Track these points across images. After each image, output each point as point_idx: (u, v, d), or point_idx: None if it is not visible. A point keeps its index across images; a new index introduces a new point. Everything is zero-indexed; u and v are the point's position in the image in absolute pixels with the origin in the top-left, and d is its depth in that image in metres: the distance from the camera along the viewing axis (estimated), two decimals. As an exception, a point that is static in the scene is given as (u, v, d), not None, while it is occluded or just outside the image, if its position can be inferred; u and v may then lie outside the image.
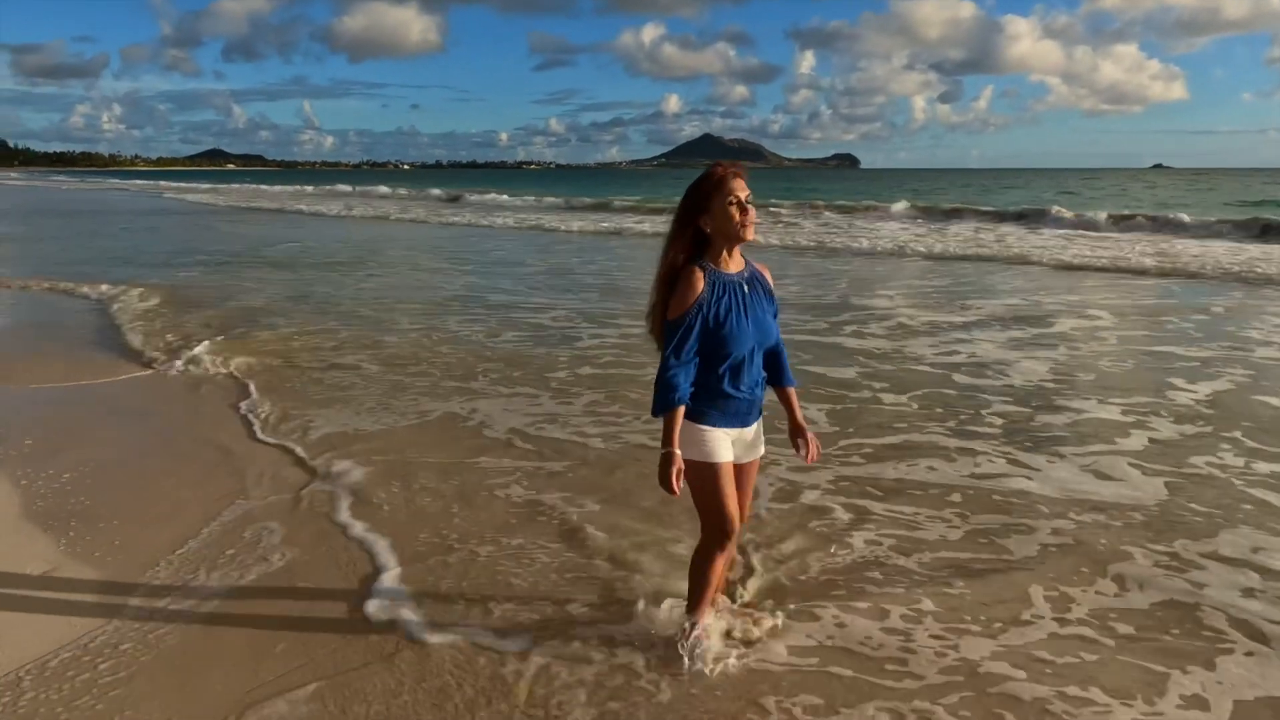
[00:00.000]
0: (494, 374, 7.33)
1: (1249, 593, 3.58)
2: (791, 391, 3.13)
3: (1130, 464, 5.15)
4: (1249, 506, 4.52)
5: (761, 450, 3.08)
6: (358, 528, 4.18)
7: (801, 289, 12.67)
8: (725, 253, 2.85)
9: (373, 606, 3.41)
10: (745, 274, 2.90)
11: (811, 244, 20.45)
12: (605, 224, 27.85)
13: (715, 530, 2.94)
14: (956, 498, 4.59)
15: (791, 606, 3.39)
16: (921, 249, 18.93)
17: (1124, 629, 3.27)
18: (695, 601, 3.07)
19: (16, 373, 7.51)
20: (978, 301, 11.55)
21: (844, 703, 2.83)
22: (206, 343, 8.43)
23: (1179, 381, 7.08)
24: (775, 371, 3.09)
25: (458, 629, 3.24)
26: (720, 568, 3.05)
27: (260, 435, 5.66)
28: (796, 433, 3.12)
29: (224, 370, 7.48)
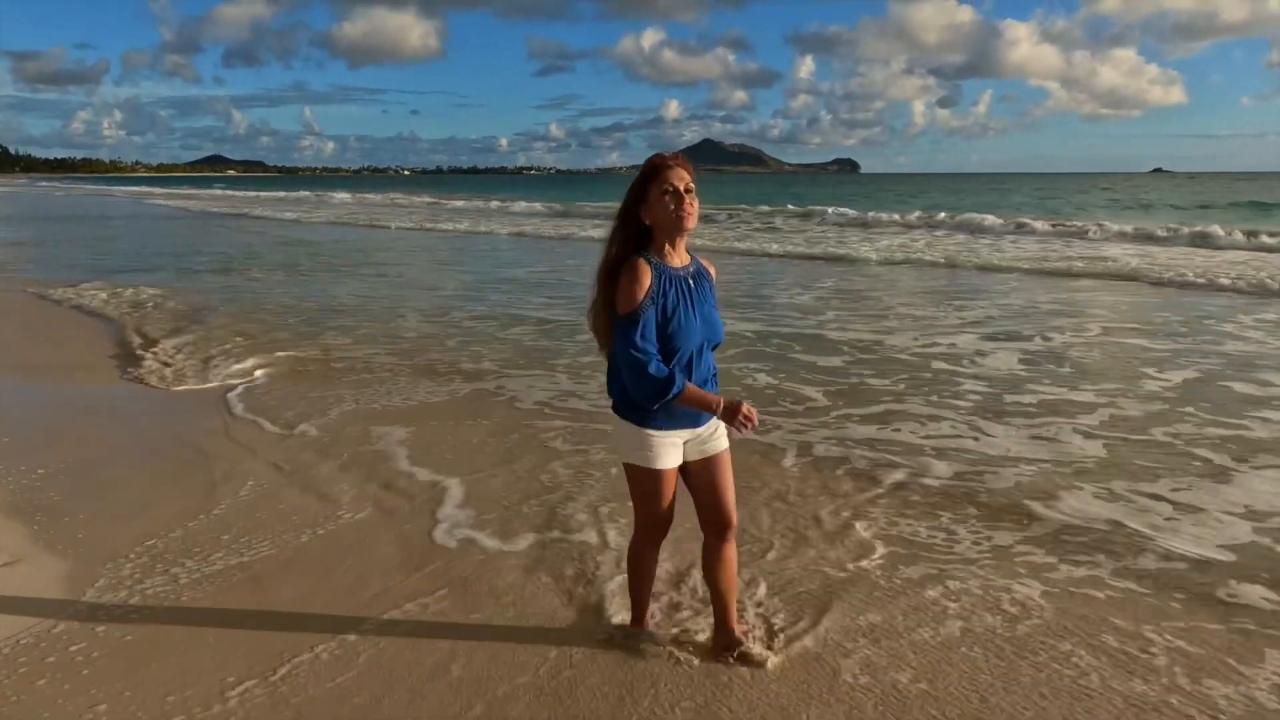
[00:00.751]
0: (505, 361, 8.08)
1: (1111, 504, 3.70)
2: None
3: (1074, 430, 5.83)
4: (1177, 458, 5.21)
5: (724, 443, 2.97)
6: (423, 472, 4.96)
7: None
8: (668, 245, 2.78)
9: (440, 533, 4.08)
10: (691, 268, 2.83)
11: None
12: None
13: (647, 529, 2.98)
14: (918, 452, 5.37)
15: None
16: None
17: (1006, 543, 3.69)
18: (634, 602, 3.19)
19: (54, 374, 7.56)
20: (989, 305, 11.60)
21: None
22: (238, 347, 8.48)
23: (1151, 371, 7.39)
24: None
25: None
26: (654, 560, 3.11)
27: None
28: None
29: (247, 366, 7.72)
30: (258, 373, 7.51)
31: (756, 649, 3.04)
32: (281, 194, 63.23)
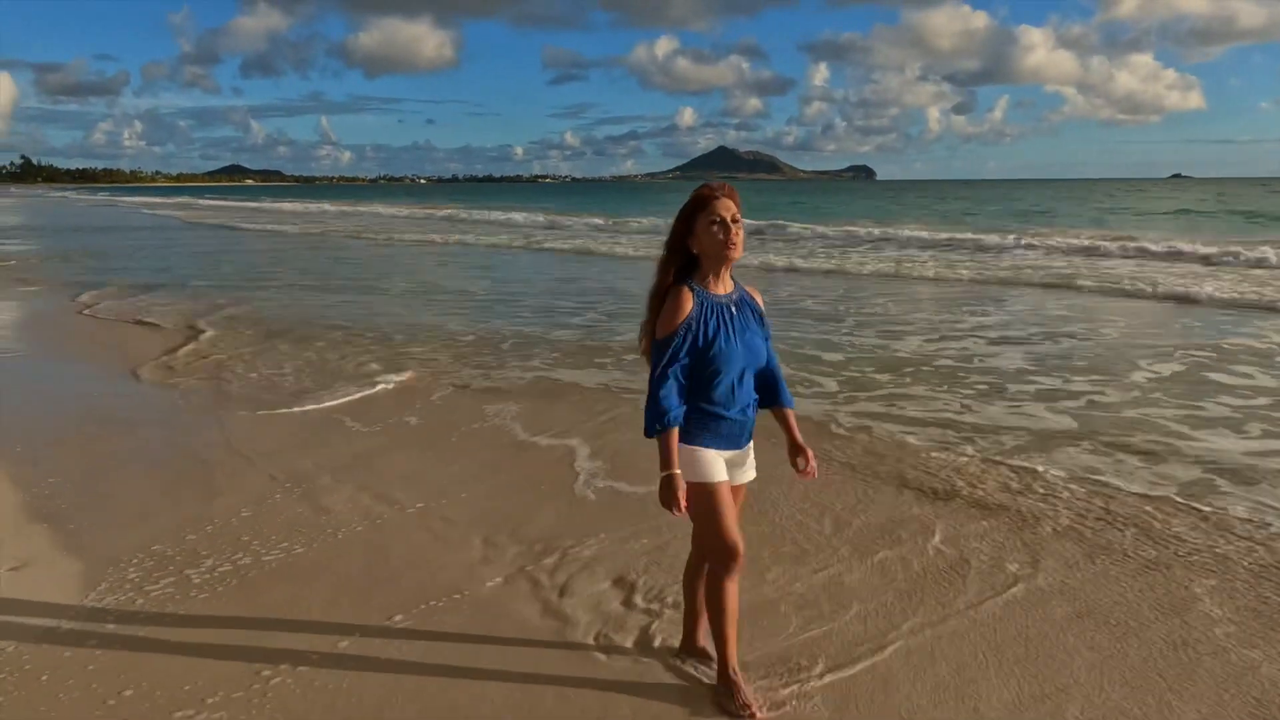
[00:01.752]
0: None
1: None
2: (789, 412, 3.10)
3: (1047, 408, 6.84)
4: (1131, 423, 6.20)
5: (752, 475, 3.04)
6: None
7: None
8: (713, 274, 2.86)
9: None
10: (734, 296, 2.90)
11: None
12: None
13: (719, 554, 2.86)
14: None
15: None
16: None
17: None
18: (719, 638, 2.94)
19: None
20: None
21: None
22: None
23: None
24: (771, 393, 3.07)
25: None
26: (734, 594, 2.90)
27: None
28: (796, 451, 3.07)
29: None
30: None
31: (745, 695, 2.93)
32: (347, 207, 57.13)
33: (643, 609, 3.68)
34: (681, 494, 2.73)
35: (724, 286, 2.90)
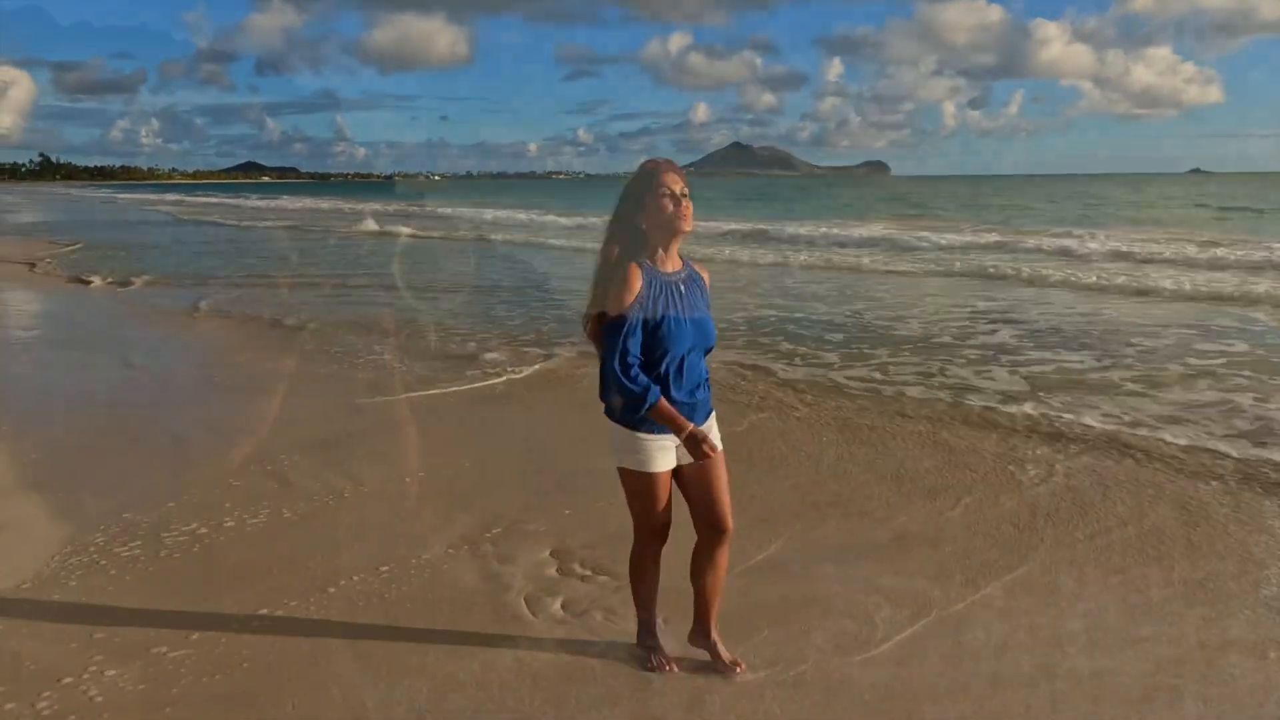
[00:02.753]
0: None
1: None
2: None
3: (1008, 371, 7.78)
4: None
5: (717, 446, 2.91)
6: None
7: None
8: (663, 250, 2.81)
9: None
10: (683, 273, 2.86)
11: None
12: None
13: (648, 533, 2.97)
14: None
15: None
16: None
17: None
18: (638, 604, 3.13)
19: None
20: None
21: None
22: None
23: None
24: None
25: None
26: (656, 566, 3.05)
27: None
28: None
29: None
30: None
31: (728, 656, 3.07)
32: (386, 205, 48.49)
33: (578, 575, 3.87)
34: (708, 445, 2.72)
35: (673, 264, 2.85)
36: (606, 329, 2.73)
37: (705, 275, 2.98)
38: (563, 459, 5.55)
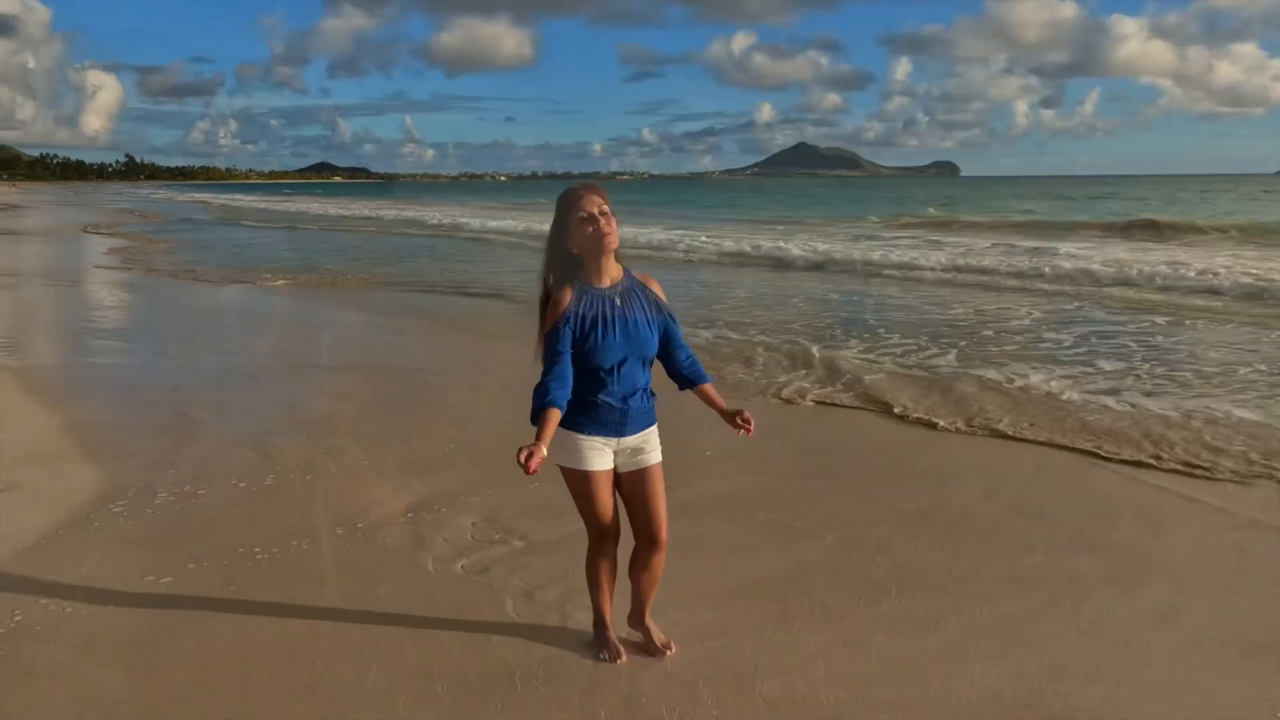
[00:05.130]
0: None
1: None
2: (706, 387, 3.17)
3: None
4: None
5: (656, 457, 3.09)
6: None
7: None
8: (596, 268, 2.94)
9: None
10: (620, 287, 2.97)
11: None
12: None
13: (592, 533, 3.13)
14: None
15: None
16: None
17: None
18: (593, 601, 3.28)
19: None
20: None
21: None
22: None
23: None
24: (685, 376, 3.15)
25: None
26: (605, 568, 3.20)
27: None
28: (729, 418, 3.12)
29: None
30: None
31: (660, 639, 3.28)
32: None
33: (495, 541, 4.32)
34: (530, 461, 2.68)
35: (609, 278, 2.97)
36: (545, 343, 2.93)
37: (652, 284, 3.08)
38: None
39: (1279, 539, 4.40)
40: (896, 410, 6.79)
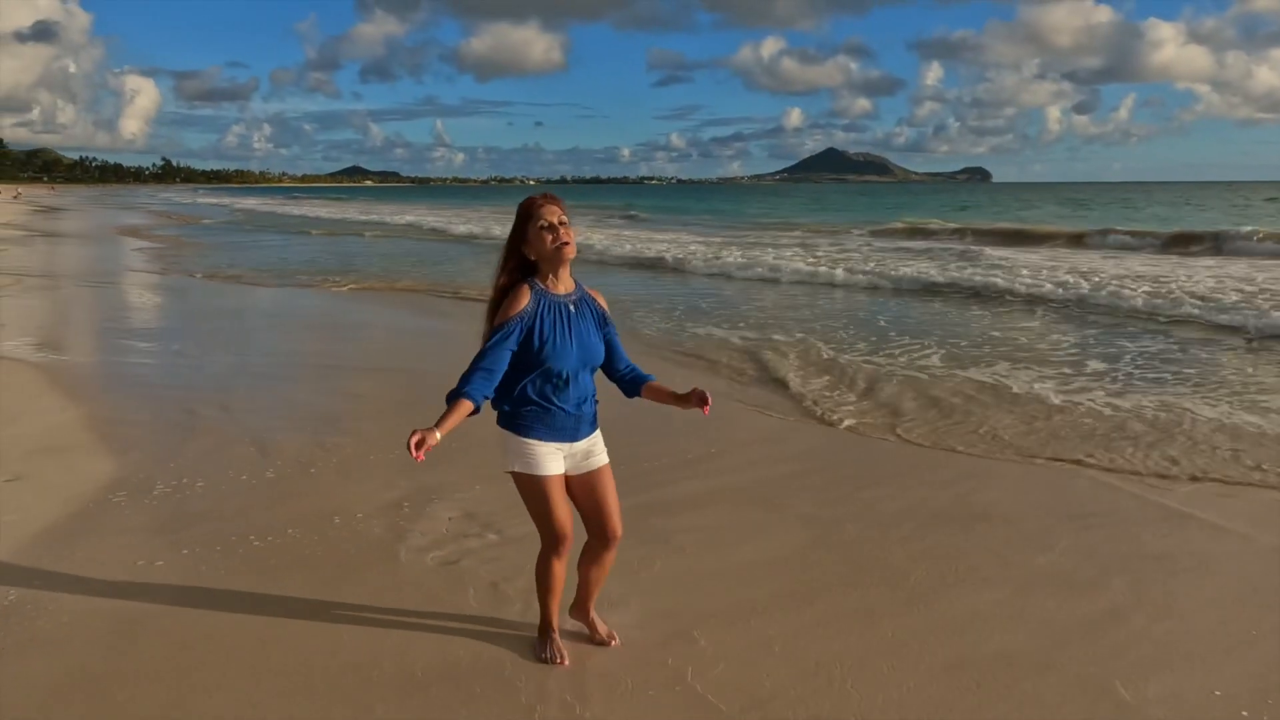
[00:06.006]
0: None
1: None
2: (653, 383, 3.21)
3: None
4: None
5: (604, 459, 3.18)
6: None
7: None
8: (552, 275, 3.03)
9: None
10: (574, 296, 3.07)
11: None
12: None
13: (548, 538, 3.13)
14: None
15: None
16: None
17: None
18: (542, 604, 3.27)
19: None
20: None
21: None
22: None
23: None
24: (628, 381, 3.23)
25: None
26: (560, 572, 3.19)
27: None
28: (684, 401, 3.11)
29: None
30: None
31: (604, 630, 3.38)
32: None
33: (470, 535, 4.50)
34: (419, 448, 2.73)
35: (564, 286, 3.06)
36: (490, 334, 2.98)
37: (599, 298, 3.18)
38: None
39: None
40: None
